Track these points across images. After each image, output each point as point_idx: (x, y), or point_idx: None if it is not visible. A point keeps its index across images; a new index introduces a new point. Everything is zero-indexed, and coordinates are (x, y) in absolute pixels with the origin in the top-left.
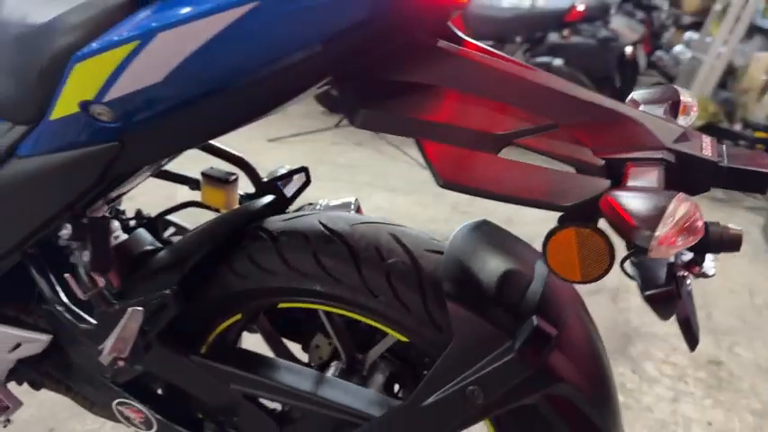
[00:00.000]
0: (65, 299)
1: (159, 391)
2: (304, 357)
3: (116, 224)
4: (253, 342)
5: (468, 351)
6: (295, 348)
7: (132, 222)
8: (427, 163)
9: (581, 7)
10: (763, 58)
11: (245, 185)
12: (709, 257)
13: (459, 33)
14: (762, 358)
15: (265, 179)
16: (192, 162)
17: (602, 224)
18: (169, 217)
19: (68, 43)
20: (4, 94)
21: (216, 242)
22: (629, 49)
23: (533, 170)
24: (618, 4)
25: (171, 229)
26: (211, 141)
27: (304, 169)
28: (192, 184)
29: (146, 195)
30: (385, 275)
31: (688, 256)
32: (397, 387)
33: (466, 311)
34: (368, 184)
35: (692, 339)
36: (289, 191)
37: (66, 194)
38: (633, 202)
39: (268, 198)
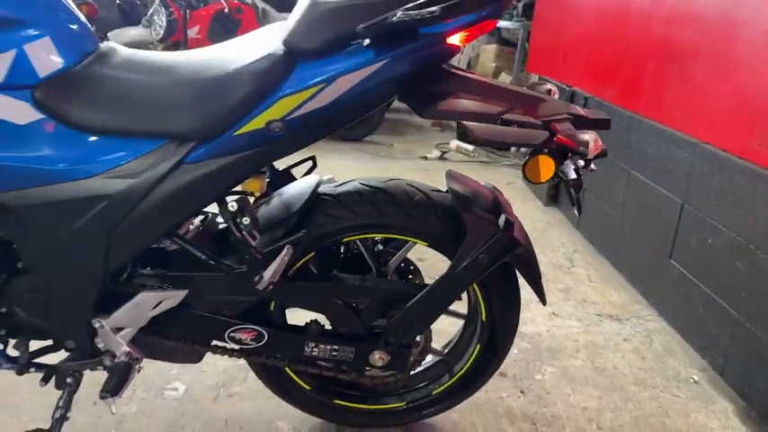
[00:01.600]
0: (211, 258)
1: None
2: None
3: None
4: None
5: (478, 237)
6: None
7: None
8: (458, 126)
9: None
10: (489, 48)
11: None
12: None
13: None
14: (543, 263)
15: (281, 170)
16: None
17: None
18: None
19: (253, 88)
20: (186, 124)
21: (303, 204)
22: None
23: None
24: None
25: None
26: None
27: (312, 158)
28: None
29: None
30: (414, 207)
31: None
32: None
33: (474, 216)
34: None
35: (579, 209)
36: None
37: (229, 182)
38: (576, 136)
39: (313, 177)
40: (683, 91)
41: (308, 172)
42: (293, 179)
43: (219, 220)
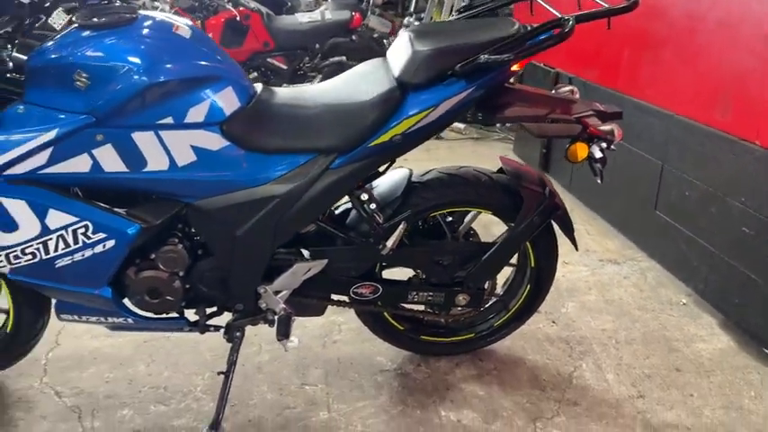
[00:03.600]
0: (346, 234)
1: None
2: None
3: None
4: None
5: (531, 205)
6: None
7: None
8: (522, 125)
9: (357, 16)
10: None
11: None
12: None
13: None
14: None
15: None
16: None
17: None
18: None
19: (381, 112)
20: (331, 141)
21: (403, 190)
22: (385, 42)
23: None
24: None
25: None
26: None
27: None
28: None
29: None
30: (482, 186)
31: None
32: None
33: (528, 189)
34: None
35: (601, 178)
36: None
37: (359, 180)
38: (604, 128)
39: (403, 169)
40: (655, 72)
41: (388, 167)
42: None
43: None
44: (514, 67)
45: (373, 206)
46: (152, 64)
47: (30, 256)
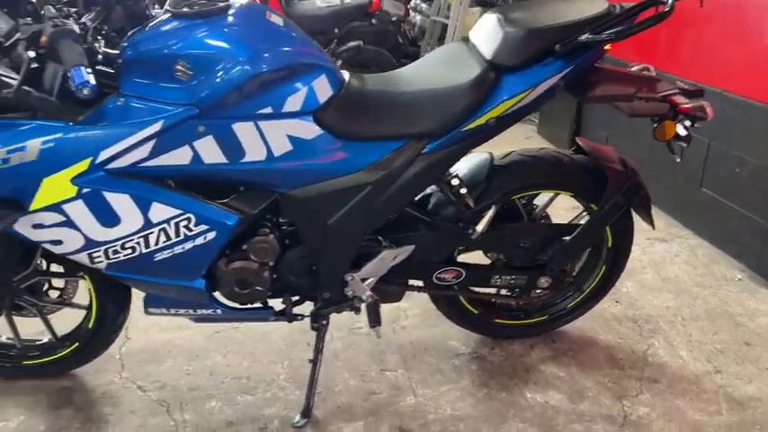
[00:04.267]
0: (435, 220)
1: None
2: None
3: None
4: None
5: (616, 185)
6: None
7: None
8: (614, 105)
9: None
10: (475, 11)
11: None
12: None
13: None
14: None
15: None
16: None
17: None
18: None
19: (477, 95)
20: (423, 126)
21: (486, 173)
22: (403, 25)
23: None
24: None
25: None
26: None
27: None
28: None
29: None
30: (564, 167)
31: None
32: None
33: (612, 169)
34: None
35: (681, 156)
36: None
37: (450, 165)
38: (696, 105)
39: (483, 153)
40: (700, 51)
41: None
42: None
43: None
44: (606, 47)
45: (464, 190)
46: (255, 53)
47: (129, 251)
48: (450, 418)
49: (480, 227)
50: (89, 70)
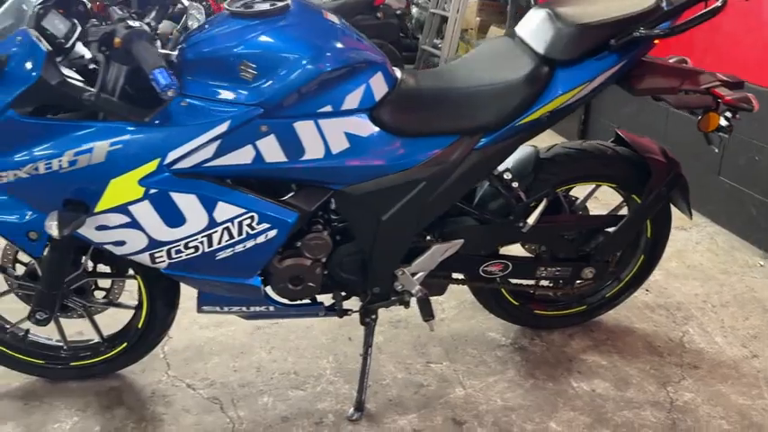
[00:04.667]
0: (485, 214)
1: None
2: None
3: None
4: None
5: (660, 175)
6: None
7: None
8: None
9: None
10: (471, 2)
11: None
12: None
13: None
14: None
15: None
16: None
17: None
18: None
19: (532, 90)
20: (477, 121)
21: (533, 166)
22: (407, 18)
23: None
24: None
25: None
26: None
27: None
28: None
29: None
30: (608, 159)
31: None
32: None
33: (655, 160)
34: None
35: (716, 143)
36: None
37: (503, 159)
38: (741, 97)
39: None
40: (717, 41)
41: None
42: None
43: None
44: (656, 41)
45: (516, 184)
46: (318, 53)
47: (192, 250)
48: (502, 408)
49: (531, 220)
50: (171, 71)
